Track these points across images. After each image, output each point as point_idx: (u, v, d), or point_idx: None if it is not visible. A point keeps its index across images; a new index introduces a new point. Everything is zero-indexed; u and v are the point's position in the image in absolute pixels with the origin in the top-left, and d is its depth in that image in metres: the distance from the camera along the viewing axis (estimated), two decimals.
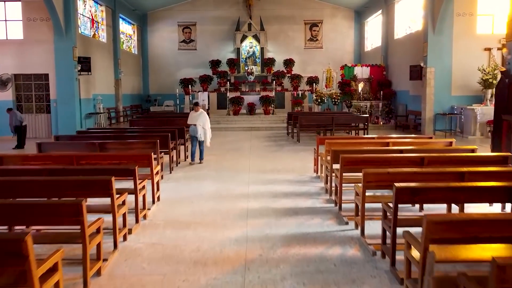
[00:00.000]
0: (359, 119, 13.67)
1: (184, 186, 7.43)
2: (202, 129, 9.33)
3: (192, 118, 9.44)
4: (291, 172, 8.51)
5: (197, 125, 9.24)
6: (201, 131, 9.33)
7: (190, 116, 9.54)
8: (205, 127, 9.41)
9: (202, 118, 9.35)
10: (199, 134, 9.30)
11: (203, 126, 9.36)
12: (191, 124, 9.37)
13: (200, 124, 9.28)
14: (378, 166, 5.74)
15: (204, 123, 9.38)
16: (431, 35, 14.44)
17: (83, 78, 15.94)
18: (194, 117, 9.40)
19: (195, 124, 9.29)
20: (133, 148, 7.69)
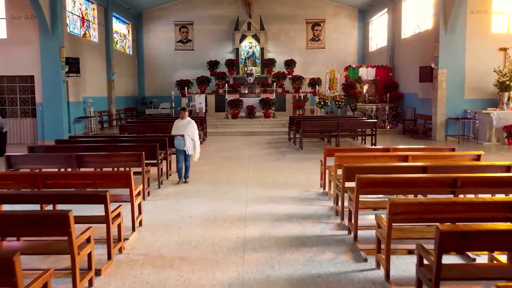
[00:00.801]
0: (367, 124, 12.72)
1: (173, 205, 6.48)
2: (191, 141, 7.69)
3: (178, 127, 7.74)
4: (295, 187, 7.57)
5: (185, 136, 7.59)
6: (190, 143, 7.68)
7: (175, 125, 7.80)
8: (194, 139, 7.74)
9: (190, 128, 7.68)
10: (187, 146, 7.65)
11: (192, 137, 7.69)
12: (177, 135, 7.73)
13: (189, 134, 7.63)
14: (401, 189, 4.80)
15: (193, 134, 7.72)
16: (442, 34, 13.53)
17: (72, 80, 15.01)
18: (180, 126, 7.71)
19: (182, 135, 7.65)
20: (114, 161, 6.76)
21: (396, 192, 5.16)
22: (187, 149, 7.70)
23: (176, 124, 7.86)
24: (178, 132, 7.70)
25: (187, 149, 7.69)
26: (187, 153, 7.73)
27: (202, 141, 13.95)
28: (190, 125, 7.70)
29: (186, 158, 7.83)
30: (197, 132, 7.77)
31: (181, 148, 7.72)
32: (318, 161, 10.05)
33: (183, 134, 7.59)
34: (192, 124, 7.74)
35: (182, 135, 7.60)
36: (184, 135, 7.59)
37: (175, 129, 7.80)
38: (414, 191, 5.00)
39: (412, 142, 13.63)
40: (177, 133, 7.72)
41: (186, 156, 7.80)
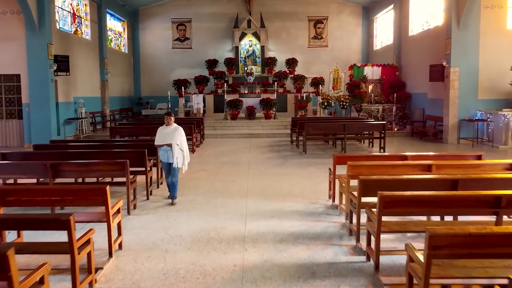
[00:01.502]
0: (375, 126, 11.90)
1: (161, 221, 5.65)
2: (180, 151, 6.36)
3: (163, 135, 6.41)
4: (300, 198, 6.75)
5: (173, 146, 6.27)
6: (179, 153, 6.34)
7: (159, 133, 6.47)
8: (183, 148, 6.41)
9: (178, 136, 6.34)
10: (176, 158, 6.31)
11: (180, 147, 6.35)
12: (162, 144, 6.40)
13: (177, 143, 6.30)
14: (432, 209, 3.97)
15: (182, 143, 6.39)
16: (455, 30, 12.70)
17: (61, 79, 14.20)
18: (166, 134, 6.37)
19: (169, 145, 6.34)
20: (95, 170, 5.93)
21: (426, 213, 4.34)
22: (176, 162, 6.31)
23: (160, 131, 6.48)
24: (163, 141, 6.39)
25: (175, 162, 6.31)
26: (175, 166, 6.34)
27: (199, 144, 13.14)
28: (177, 132, 6.36)
29: (172, 173, 6.42)
30: (185, 140, 6.50)
31: (168, 160, 6.41)
32: (324, 167, 9.30)
33: (170, 143, 6.31)
34: (180, 131, 6.43)
35: (169, 144, 6.31)
36: (171, 145, 6.30)
37: (160, 137, 6.44)
38: (446, 212, 4.17)
39: (422, 145, 12.81)
40: (162, 143, 6.40)
41: (171, 170, 6.42)
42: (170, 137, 6.34)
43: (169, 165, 6.42)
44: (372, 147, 12.44)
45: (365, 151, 12.10)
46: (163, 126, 6.53)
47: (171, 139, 6.31)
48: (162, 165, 6.67)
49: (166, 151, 6.42)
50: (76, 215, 4.29)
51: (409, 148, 12.38)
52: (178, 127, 6.48)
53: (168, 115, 6.51)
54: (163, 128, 6.50)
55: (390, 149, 11.85)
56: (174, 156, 6.32)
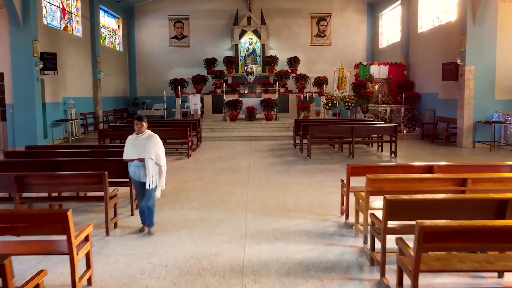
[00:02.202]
0: (385, 129, 11.02)
1: (144, 244, 4.76)
2: (155, 167, 4.94)
3: (134, 146, 4.94)
4: (308, 213, 5.86)
5: (147, 161, 4.86)
6: (154, 170, 4.94)
7: (129, 144, 5.00)
8: (160, 162, 4.98)
9: (153, 147, 4.91)
10: (151, 177, 4.89)
11: (156, 161, 4.93)
12: (133, 159, 4.97)
13: (152, 157, 4.88)
14: (494, 244, 3.08)
15: (159, 156, 4.95)
16: (470, 26, 11.83)
17: (49, 78, 13.33)
18: (138, 146, 4.92)
19: (141, 160, 4.92)
20: (68, 183, 5.05)
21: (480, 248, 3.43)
22: (150, 181, 4.89)
23: (130, 142, 4.99)
24: (135, 155, 4.91)
25: (149, 181, 4.88)
26: (149, 186, 4.91)
27: (195, 148, 12.25)
28: (152, 142, 4.91)
29: (147, 195, 4.99)
30: (163, 152, 5.04)
31: (140, 179, 4.99)
32: (332, 175, 8.43)
33: (142, 157, 4.89)
34: (155, 140, 4.97)
35: (142, 159, 4.90)
36: (144, 159, 4.88)
37: (130, 149, 4.95)
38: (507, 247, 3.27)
39: (435, 149, 11.93)
40: (133, 157, 4.92)
41: (146, 192, 4.99)
42: (143, 149, 4.88)
43: (142, 185, 5.00)
44: (381, 152, 11.56)
45: (374, 155, 11.22)
46: (133, 135, 5.02)
47: (144, 151, 4.87)
48: (133, 185, 5.22)
49: (138, 167, 4.97)
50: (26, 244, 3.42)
51: (420, 152, 11.51)
52: (153, 135, 5.03)
53: (138, 120, 4.96)
54: (133, 138, 5.00)
55: (400, 153, 10.98)
56: (148, 173, 4.88)
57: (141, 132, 5.00)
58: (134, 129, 5.03)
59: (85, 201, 5.70)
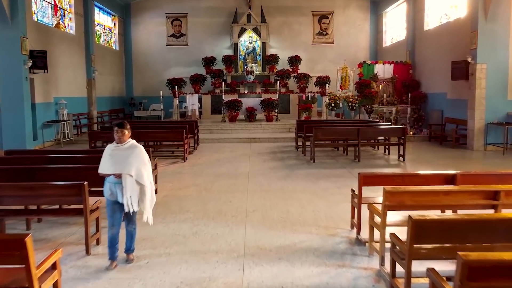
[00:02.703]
0: (393, 131, 10.42)
1: (128, 267, 4.15)
2: (135, 186, 4.01)
3: (112, 158, 4.01)
4: (314, 227, 5.26)
5: (124, 177, 3.96)
6: (134, 190, 4.01)
7: (106, 154, 4.07)
8: (142, 181, 4.03)
9: (134, 160, 3.99)
10: (128, 198, 3.97)
11: (137, 179, 3.99)
12: (108, 174, 4.04)
13: (132, 173, 3.96)
14: None
15: (140, 171, 4.01)
16: (482, 22, 11.22)
17: (39, 77, 12.73)
18: (116, 158, 4.00)
19: (118, 176, 3.99)
20: (42, 195, 4.44)
21: None
22: (129, 203, 3.98)
23: (108, 152, 4.06)
24: (111, 169, 3.98)
25: (128, 203, 3.97)
26: (128, 209, 4.01)
27: (192, 150, 11.64)
28: (134, 155, 4.00)
29: (129, 219, 4.18)
30: (148, 167, 4.12)
31: (117, 199, 4.04)
32: (338, 180, 7.82)
33: (119, 173, 3.96)
34: (138, 153, 4.05)
35: (119, 175, 3.97)
36: (122, 176, 3.95)
37: (107, 161, 4.02)
38: None
39: (445, 152, 11.34)
40: (108, 171, 4.00)
41: (127, 216, 4.15)
42: (122, 162, 3.94)
43: (117, 207, 4.06)
44: (388, 155, 10.95)
45: (381, 159, 10.61)
46: (112, 144, 4.09)
47: (123, 166, 3.92)
48: (107, 205, 4.13)
49: (114, 184, 4.02)
50: None
51: (429, 155, 10.91)
52: (137, 146, 4.10)
53: (119, 127, 4.03)
54: (113, 148, 4.05)
55: (408, 156, 10.37)
56: (125, 193, 3.95)
57: (122, 142, 4.03)
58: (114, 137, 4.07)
59: (61, 215, 5.07)
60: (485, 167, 9.51)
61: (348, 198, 6.42)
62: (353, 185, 7.49)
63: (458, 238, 3.12)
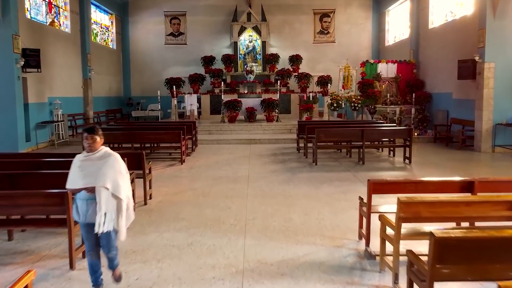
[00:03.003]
0: (399, 132, 10.03)
1: (114, 285, 3.77)
2: (111, 201, 3.35)
3: (82, 170, 3.35)
4: (319, 237, 4.87)
5: (97, 191, 3.30)
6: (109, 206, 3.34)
7: (75, 166, 3.38)
8: (119, 194, 3.38)
9: (109, 171, 3.35)
10: (103, 214, 3.30)
11: (114, 192, 3.35)
12: (78, 189, 3.37)
13: (108, 185, 3.31)
14: None
15: (117, 184, 3.37)
16: (490, 19, 10.84)
17: (33, 76, 12.35)
18: (87, 169, 3.34)
19: (89, 190, 3.33)
20: (22, 205, 4.05)
21: None
22: (101, 221, 3.29)
23: (76, 164, 3.38)
24: (82, 182, 3.32)
25: (100, 221, 3.29)
26: (100, 229, 3.31)
27: (190, 152, 11.25)
28: (108, 165, 3.35)
29: (106, 243, 3.46)
30: (125, 179, 3.47)
31: (88, 219, 3.38)
32: (342, 185, 7.43)
33: (92, 186, 3.31)
34: (113, 162, 3.39)
35: (91, 189, 3.31)
36: (96, 190, 3.30)
37: (76, 174, 3.35)
38: None
39: (451, 154, 10.96)
40: (79, 186, 3.33)
41: (101, 238, 3.43)
42: (94, 174, 3.30)
43: (91, 226, 3.37)
44: (393, 157, 10.57)
45: (386, 161, 10.23)
46: (82, 154, 3.42)
47: (96, 178, 3.29)
48: (81, 227, 3.52)
49: (86, 200, 3.36)
50: None
51: (435, 157, 10.53)
52: (111, 154, 3.44)
53: (89, 133, 3.35)
54: (82, 158, 3.38)
55: (414, 158, 9.96)
56: (100, 209, 3.28)
57: (93, 150, 3.37)
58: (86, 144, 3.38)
59: (43, 226, 4.67)
60: (495, 170, 9.13)
61: (354, 204, 6.07)
62: (358, 189, 7.16)
63: (487, 258, 2.74)
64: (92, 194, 3.34)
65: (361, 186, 7.36)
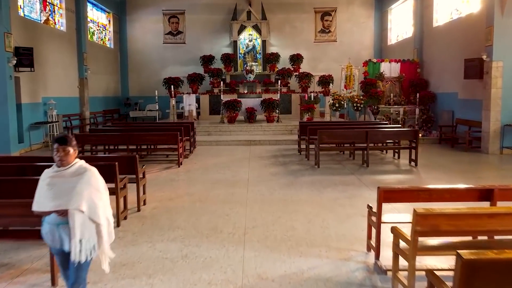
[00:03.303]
0: (405, 134, 9.68)
1: None
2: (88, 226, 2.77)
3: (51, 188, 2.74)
4: (324, 248, 4.51)
5: (71, 214, 2.69)
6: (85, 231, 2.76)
7: (43, 184, 2.79)
8: (97, 218, 2.79)
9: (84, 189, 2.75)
10: (78, 241, 2.72)
11: (90, 215, 2.76)
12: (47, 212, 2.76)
13: (83, 207, 2.71)
14: None
15: (94, 205, 2.78)
16: (498, 17, 10.49)
17: (26, 76, 11.99)
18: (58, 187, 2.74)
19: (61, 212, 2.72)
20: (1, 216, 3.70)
21: None
22: (76, 250, 2.73)
23: (46, 182, 2.80)
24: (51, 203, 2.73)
25: (75, 249, 2.73)
26: (75, 258, 2.75)
27: (188, 154, 10.88)
28: (83, 182, 2.77)
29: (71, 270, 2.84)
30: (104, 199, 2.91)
31: (61, 246, 2.83)
32: (347, 189, 7.06)
33: (65, 209, 2.71)
34: (89, 179, 2.81)
35: (64, 212, 2.72)
36: (68, 213, 2.72)
37: (44, 193, 2.77)
38: None
39: (457, 156, 10.61)
40: (47, 208, 2.74)
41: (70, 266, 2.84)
42: (66, 193, 2.72)
43: (61, 253, 2.89)
44: (398, 159, 10.21)
45: (391, 164, 9.88)
46: (51, 169, 2.85)
47: (69, 198, 2.71)
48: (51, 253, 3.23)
49: (57, 225, 2.79)
50: None
51: (442, 159, 10.18)
52: (87, 169, 2.84)
53: (61, 144, 2.77)
54: (51, 174, 2.81)
55: (419, 160, 9.53)
56: (74, 236, 2.72)
57: (65, 164, 2.79)
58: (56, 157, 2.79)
59: (24, 239, 4.28)
60: (506, 173, 8.78)
61: (360, 211, 5.74)
62: (363, 194, 6.81)
63: None
64: (65, 218, 2.73)
65: (366, 191, 7.02)
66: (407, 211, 5.34)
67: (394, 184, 7.72)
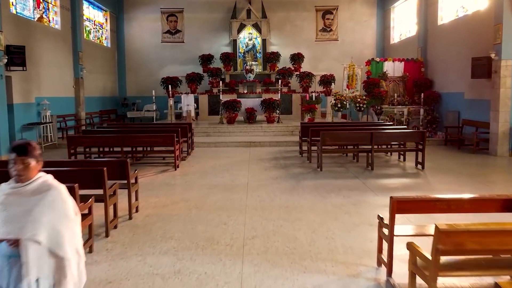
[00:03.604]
0: (412, 135, 9.29)
1: None
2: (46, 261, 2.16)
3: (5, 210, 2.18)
4: (329, 262, 4.13)
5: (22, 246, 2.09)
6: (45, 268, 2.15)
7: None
8: (60, 251, 2.18)
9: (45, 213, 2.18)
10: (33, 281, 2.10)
11: (51, 247, 2.16)
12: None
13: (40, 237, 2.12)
14: None
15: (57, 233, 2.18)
16: (507, 14, 10.11)
17: (19, 75, 11.61)
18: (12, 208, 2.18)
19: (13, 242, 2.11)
20: None
21: None
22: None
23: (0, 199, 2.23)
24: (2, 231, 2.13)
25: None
26: None
27: (185, 156, 10.50)
28: (45, 202, 2.20)
29: None
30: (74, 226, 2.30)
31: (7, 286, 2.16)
32: (352, 194, 6.68)
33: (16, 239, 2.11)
34: (53, 200, 2.23)
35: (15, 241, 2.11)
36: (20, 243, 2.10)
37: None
38: None
39: (465, 159, 10.22)
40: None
41: None
42: (20, 217, 2.16)
43: None
44: (404, 162, 9.82)
45: (396, 167, 9.49)
46: (6, 184, 2.30)
47: (23, 223, 2.14)
48: None
49: (8, 257, 2.17)
50: None
51: (449, 162, 9.79)
52: (52, 186, 2.29)
53: (19, 154, 2.21)
54: (7, 191, 2.26)
55: (426, 163, 9.13)
56: (26, 273, 2.10)
57: (24, 180, 2.25)
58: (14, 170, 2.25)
59: None
60: None
61: (367, 219, 5.38)
62: (369, 200, 6.42)
63: None
64: (17, 249, 2.13)
65: (372, 196, 6.64)
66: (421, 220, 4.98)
67: (401, 189, 7.36)
